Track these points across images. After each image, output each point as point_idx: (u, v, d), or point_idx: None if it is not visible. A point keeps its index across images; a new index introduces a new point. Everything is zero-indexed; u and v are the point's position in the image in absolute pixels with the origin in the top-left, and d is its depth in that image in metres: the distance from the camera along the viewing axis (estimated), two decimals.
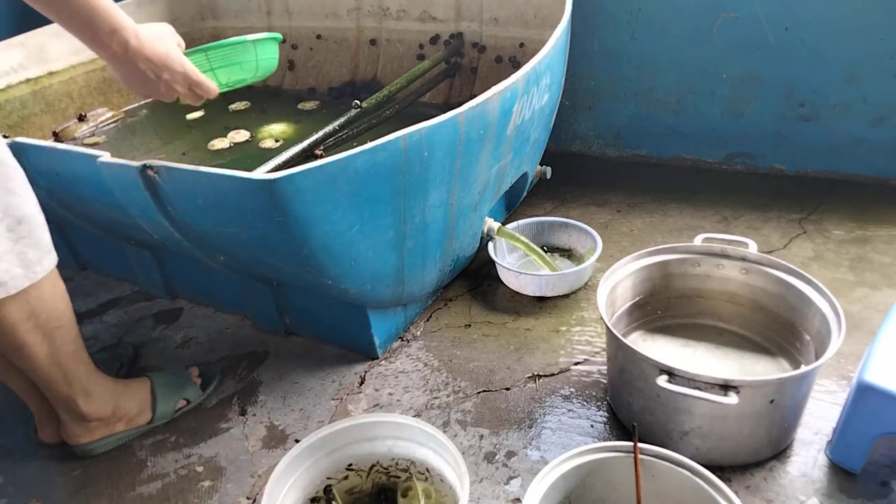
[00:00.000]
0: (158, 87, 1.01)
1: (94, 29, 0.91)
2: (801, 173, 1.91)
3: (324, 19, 2.26)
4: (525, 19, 1.91)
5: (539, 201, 1.94)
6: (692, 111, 1.97)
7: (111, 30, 0.92)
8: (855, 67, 1.72)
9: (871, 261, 1.51)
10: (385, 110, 1.75)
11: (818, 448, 1.07)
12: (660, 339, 1.31)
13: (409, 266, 1.29)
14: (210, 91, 1.06)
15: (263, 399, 1.33)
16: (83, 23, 0.91)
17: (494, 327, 1.45)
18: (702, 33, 1.84)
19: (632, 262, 1.26)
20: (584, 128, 2.18)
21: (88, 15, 0.90)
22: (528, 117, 1.45)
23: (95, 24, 0.91)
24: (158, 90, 1.01)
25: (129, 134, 2.06)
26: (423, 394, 1.28)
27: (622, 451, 0.92)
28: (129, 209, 1.25)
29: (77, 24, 0.91)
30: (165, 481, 1.16)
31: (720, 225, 1.73)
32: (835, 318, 1.04)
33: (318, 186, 1.03)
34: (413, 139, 1.10)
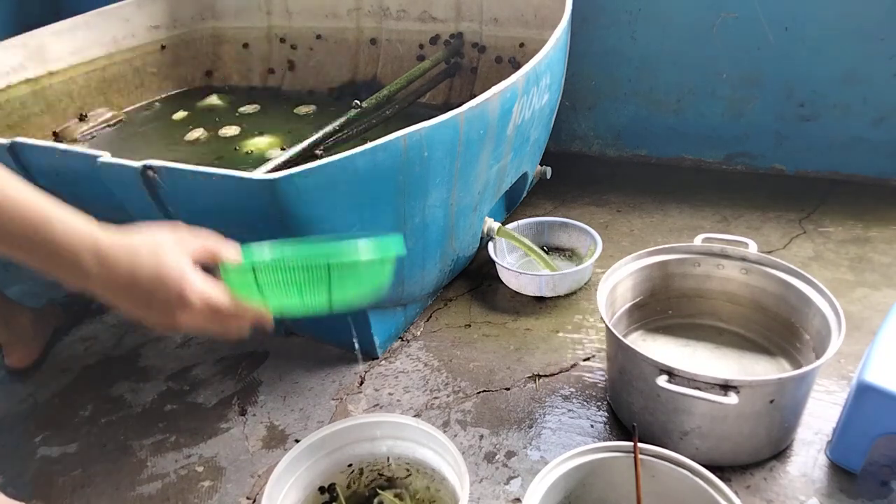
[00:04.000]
0: (163, 320, 0.69)
1: (50, 262, 0.64)
2: (801, 173, 1.91)
3: (324, 19, 2.25)
4: (525, 19, 1.91)
5: (539, 201, 1.94)
6: (692, 111, 1.97)
7: (70, 263, 0.64)
8: (855, 67, 1.72)
9: (871, 261, 1.51)
10: (385, 110, 1.75)
11: (818, 448, 1.07)
12: (660, 339, 1.31)
13: (408, 266, 1.29)
14: (244, 321, 0.74)
15: (263, 399, 1.33)
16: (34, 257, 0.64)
17: (494, 327, 1.45)
18: (702, 33, 1.84)
19: (632, 262, 1.26)
20: (584, 128, 2.18)
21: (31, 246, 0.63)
22: (528, 117, 1.45)
23: (46, 257, 0.64)
24: (168, 323, 0.69)
25: (129, 135, 2.06)
26: (423, 394, 1.28)
27: (622, 451, 0.92)
28: (129, 209, 1.25)
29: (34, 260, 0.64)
30: (165, 481, 1.16)
31: (720, 225, 1.73)
32: (835, 318, 1.04)
33: (318, 186, 1.03)
34: (413, 139, 1.10)
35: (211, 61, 2.48)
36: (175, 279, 0.66)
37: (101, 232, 0.65)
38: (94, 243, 0.64)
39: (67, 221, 0.64)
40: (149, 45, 2.31)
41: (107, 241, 0.65)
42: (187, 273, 0.67)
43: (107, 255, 0.65)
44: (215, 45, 2.47)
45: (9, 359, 1.45)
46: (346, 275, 0.79)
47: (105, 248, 0.65)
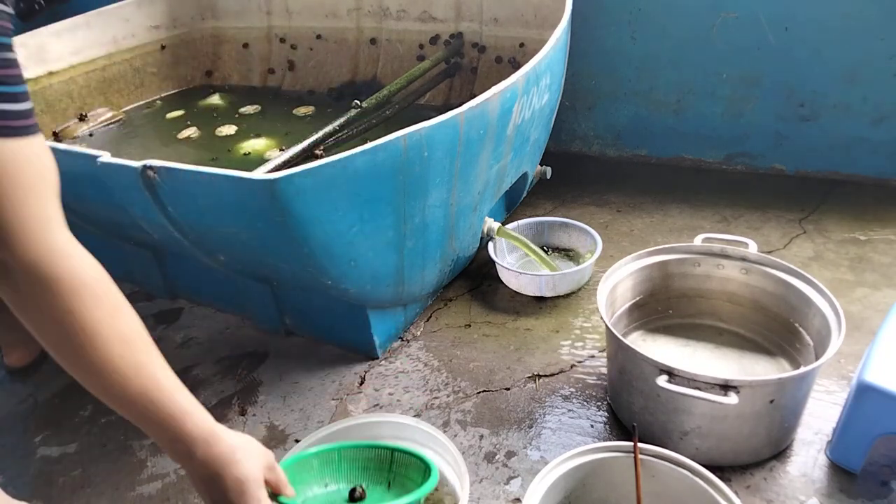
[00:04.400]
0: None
1: (152, 426, 0.72)
2: (801, 173, 1.91)
3: (324, 19, 2.25)
4: (525, 19, 1.91)
5: (539, 201, 1.94)
6: (692, 111, 1.97)
7: (172, 437, 0.72)
8: (855, 67, 1.72)
9: (871, 261, 1.51)
10: (385, 110, 1.76)
11: (818, 448, 1.07)
12: (660, 339, 1.31)
13: (409, 266, 1.29)
14: None
15: (263, 399, 1.33)
16: (138, 417, 0.71)
17: (494, 327, 1.45)
18: (702, 33, 1.85)
19: (632, 262, 1.26)
20: (584, 128, 2.18)
21: (144, 409, 0.70)
22: (528, 117, 1.45)
23: (154, 423, 0.71)
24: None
25: (129, 135, 2.06)
26: (423, 394, 1.28)
27: (622, 451, 0.92)
28: (129, 209, 1.25)
29: (132, 416, 0.71)
30: (165, 481, 1.16)
31: (720, 225, 1.73)
32: (835, 318, 1.04)
33: (317, 186, 1.03)
34: (413, 139, 1.10)
35: (211, 61, 2.48)
36: (253, 494, 0.75)
37: (218, 428, 0.74)
38: (205, 427, 0.73)
39: (196, 414, 0.73)
40: (149, 45, 2.31)
41: (221, 438, 0.74)
42: (263, 497, 0.76)
43: (211, 443, 0.73)
44: (215, 45, 2.47)
45: (8, 358, 1.45)
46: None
47: (216, 445, 0.73)
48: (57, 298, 0.64)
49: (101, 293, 0.68)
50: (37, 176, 0.63)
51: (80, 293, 0.65)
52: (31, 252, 0.63)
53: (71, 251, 0.66)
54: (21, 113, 0.61)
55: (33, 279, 0.63)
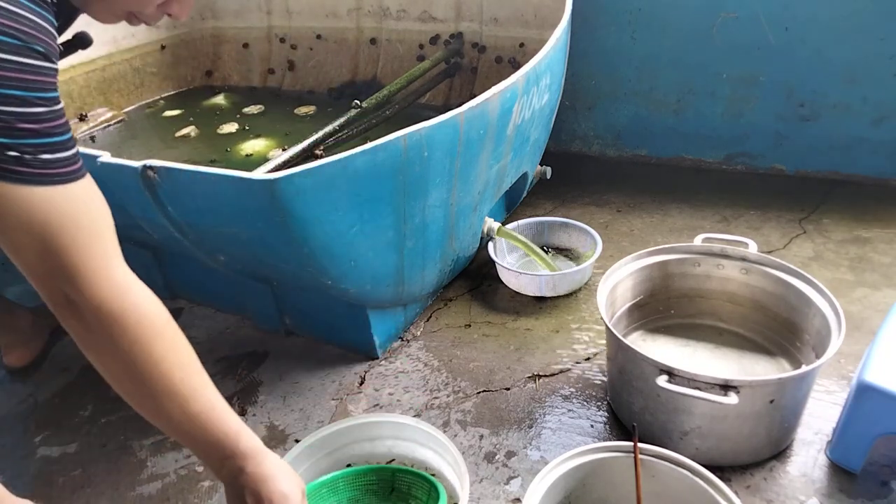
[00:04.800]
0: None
1: (207, 445, 0.78)
2: (801, 173, 1.91)
3: (324, 19, 2.26)
4: (525, 19, 1.91)
5: (539, 201, 1.94)
6: (692, 111, 1.97)
7: (226, 455, 0.78)
8: (855, 67, 1.72)
9: (871, 261, 1.51)
10: (385, 110, 1.76)
11: (818, 448, 1.07)
12: (660, 339, 1.31)
13: (409, 266, 1.29)
14: None
15: (263, 399, 1.33)
16: (194, 436, 0.77)
17: (494, 327, 1.45)
18: (702, 33, 1.84)
19: (632, 262, 1.26)
20: (584, 128, 2.18)
21: (202, 429, 0.77)
22: (528, 117, 1.45)
23: (209, 442, 0.77)
24: None
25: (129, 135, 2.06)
26: (423, 394, 1.28)
27: (622, 451, 0.92)
28: (129, 209, 1.25)
29: (188, 435, 0.77)
30: (165, 481, 1.16)
31: (720, 225, 1.73)
32: (835, 318, 1.04)
33: (317, 186, 1.03)
34: (413, 139, 1.10)
35: (211, 61, 2.48)
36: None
37: (263, 447, 0.81)
38: (251, 445, 0.79)
39: (246, 433, 0.79)
40: (149, 45, 2.31)
41: (267, 456, 0.80)
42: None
43: (259, 462, 0.79)
44: (215, 45, 2.47)
45: (8, 358, 1.46)
46: None
47: (264, 462, 0.79)
48: (125, 332, 0.69)
49: (162, 325, 0.74)
50: (95, 216, 0.68)
51: (144, 326, 0.71)
52: (98, 290, 0.67)
53: (132, 285, 0.72)
54: (70, 159, 0.65)
55: (102, 316, 0.68)
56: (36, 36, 0.61)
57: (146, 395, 0.74)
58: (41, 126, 0.62)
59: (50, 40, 0.63)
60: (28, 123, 0.61)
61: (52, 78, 0.64)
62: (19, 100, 0.60)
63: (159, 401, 0.73)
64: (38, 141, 0.62)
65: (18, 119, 0.60)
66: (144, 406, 0.75)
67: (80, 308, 0.68)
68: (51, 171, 0.63)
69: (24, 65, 0.60)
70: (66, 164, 0.64)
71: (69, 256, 0.65)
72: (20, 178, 0.61)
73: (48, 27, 0.63)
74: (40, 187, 0.62)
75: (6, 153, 0.60)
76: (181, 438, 0.78)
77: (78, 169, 0.66)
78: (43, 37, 0.62)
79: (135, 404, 0.76)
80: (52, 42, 0.64)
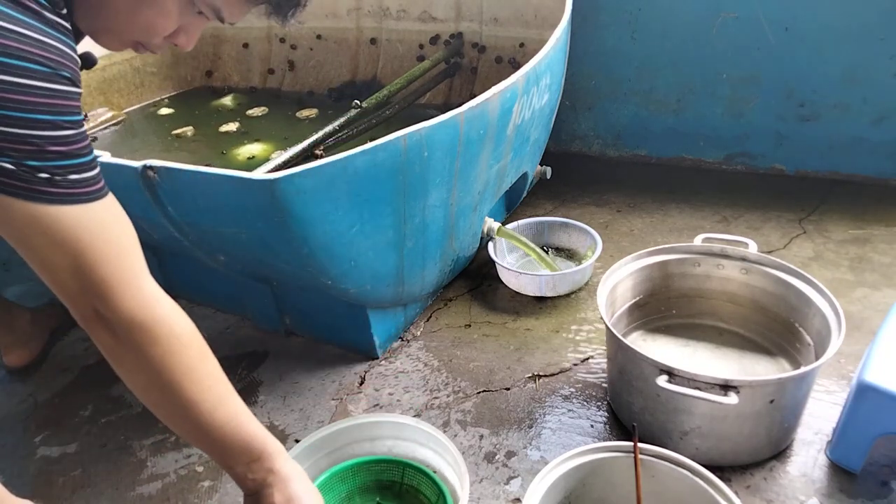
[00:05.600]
0: None
1: (235, 449, 0.81)
2: (801, 173, 1.91)
3: (324, 19, 2.26)
4: (525, 19, 1.91)
5: (539, 201, 1.94)
6: (692, 111, 1.97)
7: (255, 457, 0.82)
8: (855, 67, 1.72)
9: (871, 261, 1.51)
10: (385, 110, 1.76)
11: (818, 448, 1.07)
12: (660, 339, 1.31)
13: (409, 266, 1.29)
14: None
15: (263, 399, 1.33)
16: (221, 442, 0.80)
17: (494, 327, 1.45)
18: (702, 33, 1.84)
19: (632, 262, 1.26)
20: (584, 128, 2.18)
21: (231, 433, 0.80)
22: (528, 117, 1.45)
23: (237, 445, 0.81)
24: None
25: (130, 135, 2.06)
26: (423, 394, 1.28)
27: (622, 451, 0.92)
28: (129, 209, 1.25)
29: (215, 442, 0.80)
30: (165, 481, 1.16)
31: (720, 225, 1.73)
32: (835, 318, 1.04)
33: (317, 186, 1.03)
34: (413, 139, 1.10)
35: (211, 61, 2.48)
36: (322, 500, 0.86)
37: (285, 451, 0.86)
38: (283, 452, 0.85)
39: (270, 435, 0.84)
40: None
41: (287, 455, 0.86)
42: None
43: (292, 466, 0.85)
44: (215, 45, 2.47)
45: (7, 358, 1.46)
46: None
47: (289, 461, 0.85)
48: (155, 345, 0.72)
49: (189, 336, 0.77)
50: (121, 232, 0.71)
51: (173, 338, 0.74)
52: (129, 304, 0.70)
53: (160, 299, 0.75)
54: (95, 178, 0.68)
55: (132, 329, 0.71)
56: (63, 63, 0.64)
57: (175, 405, 0.76)
58: (69, 148, 0.64)
59: (74, 66, 0.66)
60: (58, 146, 0.63)
61: (77, 101, 0.66)
62: (50, 124, 0.62)
63: (188, 410, 0.76)
64: (66, 162, 0.64)
65: (49, 143, 0.62)
66: (173, 416, 0.78)
67: (111, 322, 0.70)
68: (79, 190, 0.65)
69: (54, 91, 0.62)
70: (92, 184, 0.67)
71: (99, 272, 0.68)
72: (51, 198, 0.63)
73: (72, 53, 0.66)
74: (70, 206, 0.65)
75: (37, 175, 0.62)
76: (208, 446, 0.81)
77: (102, 187, 0.69)
78: (69, 63, 0.65)
79: (162, 414, 0.78)
80: (77, 67, 0.66)
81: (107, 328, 0.71)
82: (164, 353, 0.73)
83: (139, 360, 0.73)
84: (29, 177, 0.61)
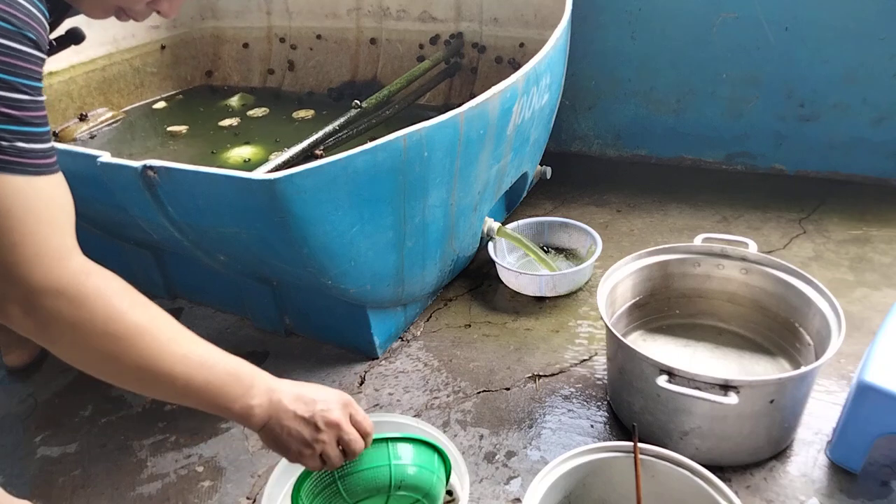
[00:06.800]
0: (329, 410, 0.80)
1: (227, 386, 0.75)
2: (801, 173, 1.91)
3: (324, 19, 2.26)
4: (525, 19, 1.91)
5: (539, 201, 1.94)
6: (692, 111, 1.97)
7: (251, 382, 0.77)
8: (855, 67, 1.72)
9: (871, 261, 1.51)
10: (385, 110, 1.76)
11: (818, 448, 1.07)
12: (660, 339, 1.31)
13: (409, 266, 1.29)
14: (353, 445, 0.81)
15: None
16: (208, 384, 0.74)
17: (494, 327, 1.45)
18: (702, 33, 1.85)
19: (632, 262, 1.26)
20: (584, 128, 2.18)
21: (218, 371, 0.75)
22: (528, 117, 1.45)
23: (228, 381, 0.76)
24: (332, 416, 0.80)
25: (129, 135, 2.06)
26: (423, 394, 1.28)
27: (622, 451, 0.92)
28: (129, 209, 1.25)
29: (201, 387, 0.74)
30: (165, 481, 1.16)
31: (720, 225, 1.73)
32: (835, 318, 1.04)
33: (318, 186, 1.03)
34: (413, 139, 1.10)
35: (211, 61, 2.48)
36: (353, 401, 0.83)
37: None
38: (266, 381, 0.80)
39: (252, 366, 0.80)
40: (149, 45, 2.31)
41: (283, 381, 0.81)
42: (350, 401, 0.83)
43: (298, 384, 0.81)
44: (215, 45, 2.47)
45: (7, 358, 1.46)
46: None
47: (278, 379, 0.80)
48: (95, 311, 0.66)
49: (130, 294, 0.70)
50: (58, 210, 0.66)
51: (113, 300, 0.68)
52: (56, 278, 0.64)
53: (91, 269, 0.68)
54: (45, 152, 0.64)
55: (65, 302, 0.65)
56: (28, 23, 0.61)
57: (141, 368, 0.69)
58: (22, 114, 0.61)
59: (41, 30, 0.63)
60: (9, 109, 0.60)
61: (39, 67, 0.63)
62: (4, 84, 0.59)
63: (156, 366, 0.70)
64: (15, 128, 0.61)
65: (1, 103, 0.59)
66: (143, 380, 0.71)
67: (35, 302, 0.64)
68: (24, 160, 0.62)
69: (14, 50, 0.60)
70: (40, 157, 0.63)
71: (25, 247, 0.62)
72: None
73: (41, 17, 0.64)
74: (11, 175, 0.61)
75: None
76: (193, 395, 0.73)
77: (51, 164, 0.65)
78: (35, 25, 0.62)
79: (129, 381, 0.72)
80: (43, 32, 0.64)
81: (32, 312, 0.64)
82: (107, 317, 0.67)
83: (83, 333, 0.67)
84: None
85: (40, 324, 0.65)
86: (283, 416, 0.77)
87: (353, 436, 0.80)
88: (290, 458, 0.80)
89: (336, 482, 0.84)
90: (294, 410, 0.78)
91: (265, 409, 0.77)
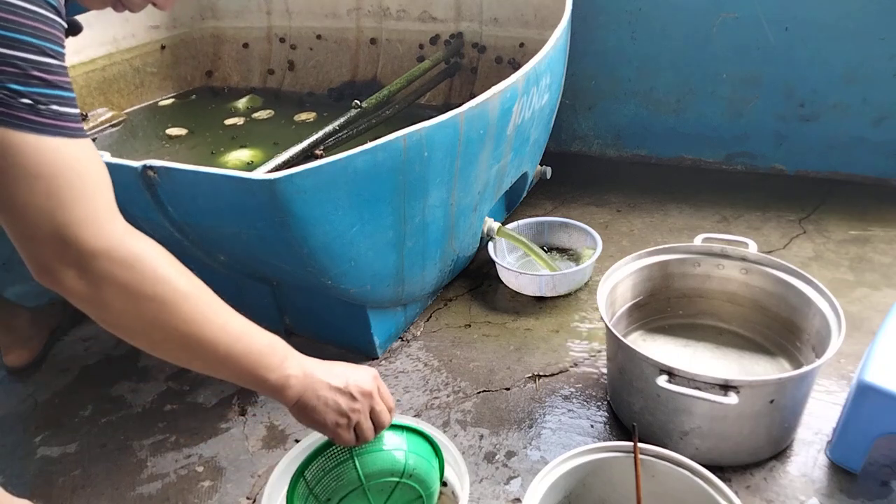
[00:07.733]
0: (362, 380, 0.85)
1: (265, 355, 0.77)
2: (801, 173, 1.91)
3: (324, 19, 2.25)
4: (525, 19, 1.91)
5: (539, 201, 1.94)
6: (692, 111, 1.97)
7: (282, 357, 0.79)
8: (855, 67, 1.72)
9: (871, 261, 1.51)
10: (385, 110, 1.75)
11: (818, 448, 1.07)
12: (660, 339, 1.31)
13: (409, 266, 1.29)
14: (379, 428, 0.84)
15: (263, 399, 1.32)
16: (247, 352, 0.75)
17: (494, 327, 1.45)
18: (702, 33, 1.85)
19: (632, 262, 1.26)
20: (584, 128, 2.18)
21: (254, 340, 0.76)
22: (528, 117, 1.45)
23: (264, 351, 0.77)
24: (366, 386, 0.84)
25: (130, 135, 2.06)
26: (423, 394, 1.28)
27: (622, 451, 0.92)
28: (129, 209, 1.24)
29: (240, 353, 0.75)
30: (165, 481, 1.16)
31: (720, 225, 1.73)
32: (835, 318, 1.04)
33: (318, 186, 1.03)
34: (413, 139, 1.10)
35: (211, 61, 2.48)
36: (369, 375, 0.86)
37: None
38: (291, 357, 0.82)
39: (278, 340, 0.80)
40: (149, 45, 2.31)
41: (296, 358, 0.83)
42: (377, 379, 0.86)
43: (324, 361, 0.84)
44: (215, 45, 2.47)
45: (7, 358, 1.46)
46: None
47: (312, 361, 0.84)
48: (145, 273, 0.67)
49: (172, 259, 0.72)
50: (100, 172, 0.67)
51: (161, 262, 0.69)
52: (106, 239, 0.65)
53: (135, 231, 0.70)
54: (76, 117, 0.65)
55: (117, 264, 0.65)
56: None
57: (183, 331, 0.70)
58: (53, 77, 0.61)
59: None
60: (42, 73, 0.60)
61: (61, 34, 0.64)
62: (35, 48, 0.60)
63: (201, 331, 0.71)
64: (50, 91, 0.61)
65: (33, 67, 0.59)
66: (184, 343, 0.72)
67: (87, 263, 0.64)
68: (62, 122, 0.62)
69: (39, 15, 0.60)
70: (73, 120, 0.64)
71: (77, 210, 0.63)
72: (33, 126, 0.60)
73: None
74: (52, 137, 0.61)
75: (20, 100, 0.59)
76: (232, 363, 0.74)
77: (82, 128, 0.66)
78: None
79: (173, 348, 0.72)
80: (62, 1, 0.64)
81: (85, 273, 0.64)
82: (157, 279, 0.68)
83: (131, 294, 0.67)
84: (11, 101, 0.58)
85: (93, 286, 0.65)
86: (319, 386, 0.79)
87: (384, 406, 0.83)
88: (327, 430, 0.80)
89: (353, 458, 0.83)
90: (328, 381, 0.80)
91: (300, 381, 0.78)
